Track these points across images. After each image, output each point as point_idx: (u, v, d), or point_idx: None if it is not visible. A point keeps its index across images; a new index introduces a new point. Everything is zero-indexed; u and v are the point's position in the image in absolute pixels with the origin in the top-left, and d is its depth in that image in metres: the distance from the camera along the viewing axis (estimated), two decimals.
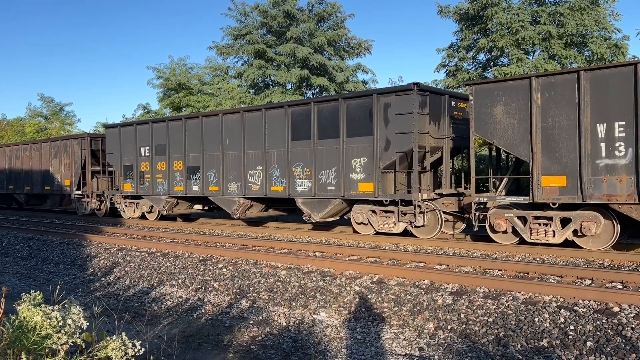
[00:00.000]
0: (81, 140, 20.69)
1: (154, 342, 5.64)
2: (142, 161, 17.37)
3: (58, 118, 43.70)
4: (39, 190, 22.86)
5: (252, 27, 25.25)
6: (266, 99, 23.99)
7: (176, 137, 16.23)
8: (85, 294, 9.68)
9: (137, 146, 17.50)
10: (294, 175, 13.38)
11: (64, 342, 3.12)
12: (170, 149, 16.40)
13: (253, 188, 14.25)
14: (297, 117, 13.30)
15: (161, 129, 16.78)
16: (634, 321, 5.84)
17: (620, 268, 8.64)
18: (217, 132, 15.02)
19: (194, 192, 15.84)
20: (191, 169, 15.84)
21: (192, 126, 15.82)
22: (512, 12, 18.97)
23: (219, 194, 15.07)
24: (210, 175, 15.30)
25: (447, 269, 8.86)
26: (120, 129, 18.28)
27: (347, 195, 12.45)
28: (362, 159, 12.16)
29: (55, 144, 22.07)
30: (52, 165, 22.02)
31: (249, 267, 9.76)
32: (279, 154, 13.68)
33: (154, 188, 16.97)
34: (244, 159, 14.40)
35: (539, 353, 5.58)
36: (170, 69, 32.61)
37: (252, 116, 14.31)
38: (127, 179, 17.90)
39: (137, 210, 18.31)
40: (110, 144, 18.74)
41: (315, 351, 6.11)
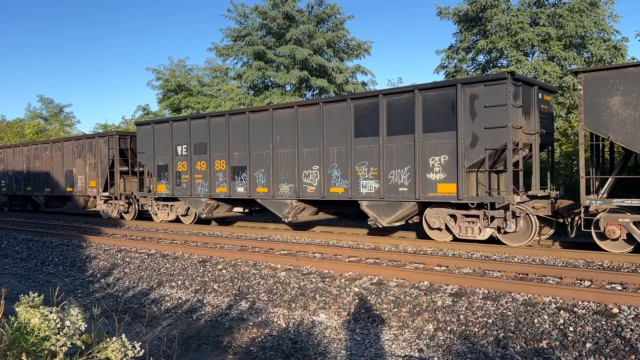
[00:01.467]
0: (109, 139, 19.26)
1: (154, 344, 5.64)
2: (178, 161, 16.17)
3: (57, 119, 43.74)
4: (61, 191, 21.50)
5: (252, 28, 25.25)
6: (265, 100, 23.99)
7: (218, 135, 15.03)
8: (84, 295, 9.67)
9: (172, 144, 16.30)
10: (357, 175, 12.18)
11: (62, 343, 3.12)
12: (212, 148, 15.20)
13: (308, 189, 13.09)
14: (362, 111, 12.09)
15: (201, 126, 15.55)
16: (633, 322, 5.84)
17: (620, 269, 8.64)
18: (267, 129, 13.85)
19: (239, 193, 14.64)
20: (236, 169, 14.66)
21: (237, 122, 14.61)
22: (512, 14, 18.98)
23: (268, 195, 13.93)
24: (258, 175, 14.14)
25: (447, 270, 8.87)
26: (153, 126, 17.03)
27: (423, 198, 11.16)
28: (442, 157, 10.91)
29: (79, 143, 20.67)
30: (76, 165, 20.68)
31: (248, 269, 9.76)
32: (339, 152, 12.49)
33: (193, 189, 15.79)
34: (297, 158, 13.23)
35: (539, 354, 5.58)
36: (169, 70, 32.66)
37: (308, 111, 13.10)
38: (161, 179, 16.71)
39: (171, 214, 17.12)
40: (141, 143, 17.40)
41: (314, 352, 6.11)
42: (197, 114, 18.10)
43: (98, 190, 19.64)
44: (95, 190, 19.82)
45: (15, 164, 24.14)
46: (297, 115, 13.24)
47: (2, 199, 25.93)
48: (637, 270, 8.52)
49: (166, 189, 16.62)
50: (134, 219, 19.06)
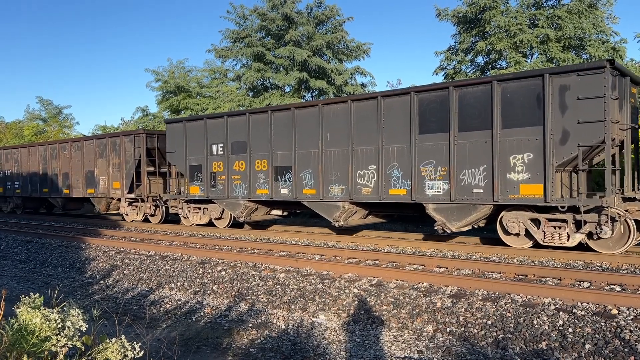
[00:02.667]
0: (135, 137, 18.03)
1: (154, 345, 5.64)
2: (213, 160, 15.13)
3: (56, 121, 43.74)
4: (81, 193, 20.23)
5: (251, 30, 25.27)
6: (265, 102, 24.00)
7: (259, 133, 14.06)
8: (84, 296, 9.66)
9: (207, 143, 15.24)
10: (422, 176, 11.11)
11: (63, 344, 3.12)
12: (252, 147, 14.19)
13: (363, 191, 12.02)
14: (428, 105, 11.04)
15: (239, 124, 14.51)
16: (633, 323, 5.85)
17: (619, 270, 8.65)
18: (315, 126, 12.82)
19: (282, 195, 13.60)
20: (279, 169, 13.66)
21: (281, 119, 13.57)
22: (510, 15, 19.02)
23: (316, 198, 12.88)
24: (305, 176, 13.09)
25: (446, 272, 8.87)
26: (185, 124, 15.96)
27: (503, 200, 10.12)
28: (526, 154, 9.86)
29: (101, 142, 19.45)
30: (97, 165, 19.48)
31: (247, 270, 9.76)
32: (400, 150, 11.44)
33: (230, 191, 14.74)
34: (351, 157, 12.20)
35: (538, 355, 5.58)
36: (169, 71, 32.66)
37: (363, 106, 12.05)
38: (194, 180, 15.64)
39: (204, 217, 16.08)
40: (172, 142, 16.34)
41: (314, 354, 6.11)
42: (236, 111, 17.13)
43: (123, 192, 18.46)
44: (119, 191, 18.64)
45: (31, 165, 23.02)
46: (350, 111, 12.21)
47: (15, 201, 24.88)
48: (636, 271, 8.54)
49: (199, 190, 15.57)
50: (160, 222, 18.04)
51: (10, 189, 24.50)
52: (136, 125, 35.31)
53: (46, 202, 24.22)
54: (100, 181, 19.45)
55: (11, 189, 24.42)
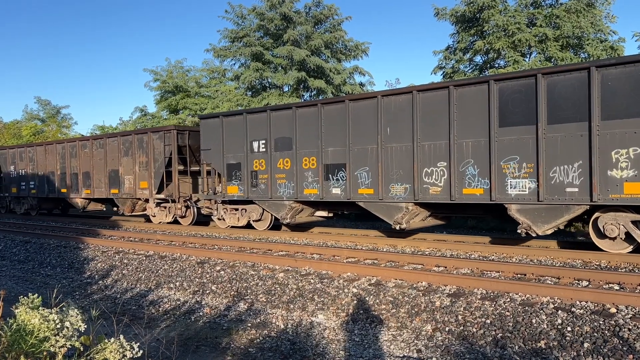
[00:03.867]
0: (165, 134, 16.90)
1: (152, 345, 5.64)
2: (254, 158, 14.13)
3: (55, 121, 43.70)
4: (104, 193, 19.15)
5: (249, 29, 25.26)
6: (263, 102, 24.00)
7: (307, 128, 13.00)
8: (82, 297, 9.65)
9: (247, 140, 14.24)
10: (503, 173, 10.11)
11: (62, 344, 3.12)
12: (299, 143, 13.17)
13: (431, 191, 11.00)
14: (510, 95, 10.04)
15: (284, 118, 13.49)
16: (631, 322, 5.86)
17: (617, 269, 8.66)
18: (373, 120, 11.80)
19: (334, 195, 12.56)
20: (330, 167, 12.63)
21: (333, 113, 12.55)
22: (509, 15, 19.03)
23: (374, 198, 11.86)
24: (362, 174, 12.08)
25: (445, 271, 8.88)
26: (222, 119, 14.87)
27: (603, 200, 9.14)
28: (632, 149, 8.86)
29: (126, 139, 18.31)
30: (122, 164, 18.34)
31: (246, 270, 9.75)
32: (476, 145, 10.42)
33: (274, 191, 13.74)
34: (416, 153, 11.16)
35: (537, 354, 5.59)
36: (167, 71, 32.67)
37: (430, 97, 11.03)
38: (233, 180, 14.63)
39: (242, 219, 15.01)
40: (206, 139, 15.29)
41: (313, 353, 6.11)
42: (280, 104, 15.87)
43: (151, 192, 17.31)
44: (147, 192, 17.47)
45: (48, 164, 21.82)
46: (415, 103, 11.17)
47: (30, 202, 23.49)
48: (635, 270, 8.55)
49: (238, 190, 14.52)
50: (192, 224, 17.05)
51: (24, 189, 23.30)
52: (134, 125, 35.27)
53: (62, 203, 23.14)
54: (125, 181, 18.32)
55: (26, 190, 23.21)
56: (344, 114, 12.33)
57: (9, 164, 24.08)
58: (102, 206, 20.92)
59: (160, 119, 32.54)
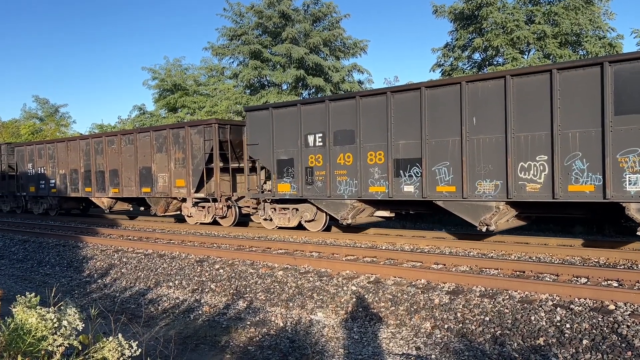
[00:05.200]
0: (204, 128, 15.55)
1: (151, 344, 5.63)
2: (309, 153, 12.92)
3: (53, 119, 43.67)
4: (134, 192, 17.72)
5: (248, 27, 25.24)
6: (262, 100, 23.98)
7: (373, 119, 11.77)
8: (81, 295, 9.65)
9: (301, 133, 13.02)
10: (620, 168, 8.91)
11: (59, 343, 3.12)
12: (363, 136, 11.94)
13: (528, 188, 9.82)
14: (629, 79, 8.80)
15: (346, 109, 12.22)
16: (630, 319, 5.86)
17: (616, 266, 8.67)
18: (454, 109, 10.60)
19: (405, 194, 11.32)
20: (402, 163, 11.37)
21: (404, 102, 11.29)
22: (507, 12, 19.02)
23: (455, 196, 10.63)
24: (440, 170, 10.88)
25: (444, 269, 8.88)
26: (272, 111, 13.66)
27: None
28: None
29: (159, 134, 16.89)
30: (155, 161, 16.94)
31: (245, 268, 9.75)
32: (585, 136, 9.24)
33: (333, 189, 12.50)
34: (509, 145, 9.93)
35: (536, 351, 5.60)
36: (165, 69, 32.63)
37: (527, 82, 9.81)
38: (283, 177, 13.47)
39: (293, 219, 13.75)
40: (254, 132, 14.10)
41: (312, 351, 6.12)
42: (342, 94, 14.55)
43: (188, 191, 16.03)
44: (184, 190, 16.19)
45: (70, 161, 20.33)
46: (508, 89, 9.98)
47: (50, 202, 21.91)
48: (633, 267, 8.56)
49: (291, 188, 13.34)
50: (233, 224, 15.78)
51: (44, 188, 21.75)
52: (133, 123, 35.22)
53: (84, 203, 21.78)
54: (158, 179, 16.95)
55: (45, 188, 21.66)
56: (418, 102, 11.08)
57: (26, 161, 22.72)
58: (128, 206, 19.86)
59: (159, 118, 32.51)
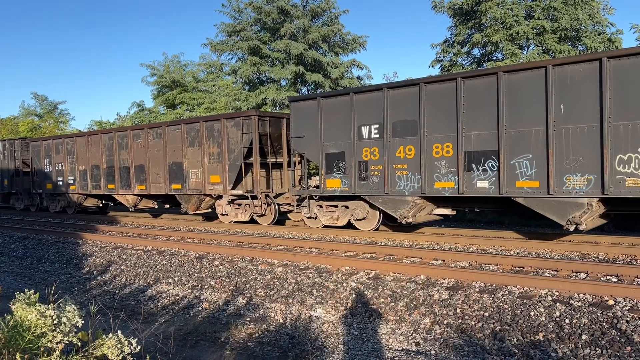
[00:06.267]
0: (243, 121, 14.58)
1: (150, 341, 5.64)
2: (364, 146, 12.04)
3: (52, 116, 43.59)
4: (163, 189, 16.71)
5: (246, 23, 25.16)
6: (261, 96, 23.94)
7: (439, 108, 10.86)
8: (81, 292, 9.65)
9: (354, 125, 12.12)
10: None
11: (59, 340, 3.11)
12: (427, 126, 11.00)
13: (628, 183, 8.90)
14: None
15: (406, 97, 11.29)
16: (629, 314, 5.87)
17: (615, 261, 8.68)
18: (539, 96, 9.64)
19: (478, 190, 10.42)
20: (474, 155, 10.45)
21: (478, 88, 10.39)
22: (506, 7, 18.98)
23: (539, 192, 9.72)
24: (522, 163, 9.95)
25: (443, 264, 8.89)
26: (320, 101, 12.71)
27: None
28: None
29: (191, 128, 15.92)
30: (187, 156, 16.01)
31: (245, 264, 9.75)
32: None
33: (391, 185, 11.59)
34: (606, 135, 9.01)
35: (535, 347, 5.60)
36: (164, 66, 32.58)
37: (628, 65, 8.82)
38: (334, 172, 12.56)
39: (343, 217, 12.84)
40: (299, 124, 13.24)
41: (312, 347, 6.12)
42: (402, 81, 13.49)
43: (225, 188, 15.12)
44: (219, 187, 15.26)
45: (91, 157, 19.36)
46: (604, 73, 8.95)
47: (69, 199, 21.14)
48: (633, 262, 8.57)
49: (342, 184, 12.47)
50: (272, 223, 14.83)
51: (62, 184, 20.74)
52: (131, 120, 35.15)
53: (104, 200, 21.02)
54: (190, 175, 16.03)
55: (63, 185, 20.66)
56: (494, 89, 10.17)
57: (43, 157, 21.65)
58: (153, 203, 19.02)
59: (158, 114, 32.47)
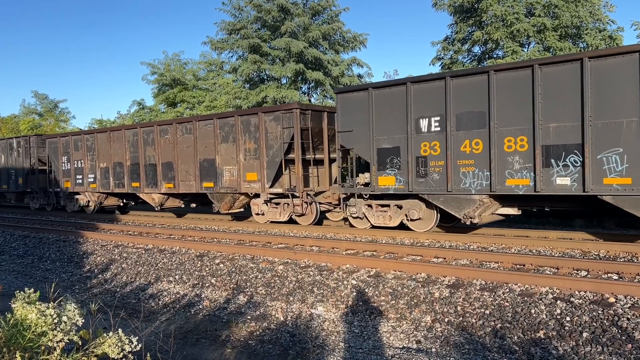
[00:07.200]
0: (283, 115, 13.67)
1: (151, 339, 5.64)
2: (422, 140, 11.25)
3: (52, 115, 43.62)
4: (193, 187, 15.93)
5: (247, 21, 25.14)
6: (261, 94, 23.92)
7: (511, 98, 10.05)
8: (82, 291, 9.66)
9: (410, 117, 11.34)
10: None
11: (59, 339, 3.11)
12: (497, 118, 10.22)
13: None
14: None
15: (472, 87, 10.54)
16: (630, 312, 5.87)
17: (616, 259, 8.68)
18: (629, 84, 8.87)
19: (559, 187, 9.59)
20: (553, 150, 9.63)
21: (558, 77, 9.56)
22: (507, 5, 18.95)
23: (632, 190, 8.95)
24: (610, 158, 9.12)
25: (444, 262, 8.89)
26: (371, 92, 11.93)
27: None
28: None
29: (225, 122, 15.04)
30: (220, 152, 15.17)
31: (246, 263, 9.76)
32: None
33: (454, 182, 10.83)
34: None
35: (536, 344, 5.60)
36: (164, 64, 32.58)
37: None
38: (387, 168, 11.80)
39: (395, 217, 12.06)
40: (347, 117, 12.47)
41: (313, 345, 6.12)
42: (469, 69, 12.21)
43: (262, 186, 14.23)
44: (256, 185, 14.41)
45: (113, 153, 18.53)
46: None
47: (89, 198, 20.26)
48: (633, 259, 8.56)
49: (396, 182, 11.71)
50: (313, 223, 13.95)
51: (81, 183, 20.04)
52: (132, 119, 35.12)
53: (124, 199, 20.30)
54: (224, 172, 15.17)
55: (83, 183, 19.96)
56: (577, 77, 9.38)
57: (60, 154, 20.90)
58: (180, 202, 18.30)
59: (158, 113, 32.47)
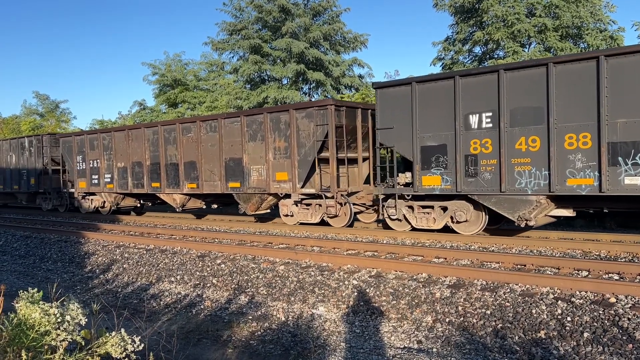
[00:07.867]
0: (316, 112, 13.06)
1: (153, 339, 5.66)
2: (472, 138, 10.65)
3: (53, 115, 43.67)
4: (218, 187, 15.33)
5: (247, 22, 25.17)
6: (262, 95, 23.95)
7: (572, 92, 9.47)
8: (83, 291, 9.68)
9: (458, 113, 10.74)
10: None
11: (63, 338, 3.13)
12: (557, 114, 9.60)
13: None
14: None
15: (529, 80, 9.93)
16: (631, 312, 5.88)
17: (617, 259, 8.68)
18: None
19: (627, 187, 8.98)
20: (622, 147, 9.00)
21: (626, 69, 8.92)
22: (508, 5, 18.96)
23: None
24: None
25: (445, 262, 8.90)
26: (415, 86, 11.31)
27: None
28: None
29: (253, 120, 14.38)
30: (247, 151, 14.53)
31: (247, 263, 9.77)
32: None
33: (508, 182, 10.22)
34: None
35: (537, 344, 5.61)
36: (165, 65, 32.58)
37: None
38: (432, 167, 11.22)
39: (440, 220, 11.43)
40: (386, 114, 11.87)
41: (314, 345, 6.14)
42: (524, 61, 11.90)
43: (293, 186, 13.60)
44: (286, 185, 13.78)
45: (131, 152, 17.91)
46: None
47: (105, 198, 19.67)
48: (634, 259, 8.57)
49: (442, 181, 11.15)
50: (347, 225, 13.35)
51: (97, 183, 19.41)
52: (133, 119, 35.16)
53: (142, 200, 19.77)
54: (252, 172, 14.56)
55: (99, 183, 19.32)
56: None
57: (75, 153, 20.30)
58: (201, 203, 17.66)
59: (159, 113, 32.49)
